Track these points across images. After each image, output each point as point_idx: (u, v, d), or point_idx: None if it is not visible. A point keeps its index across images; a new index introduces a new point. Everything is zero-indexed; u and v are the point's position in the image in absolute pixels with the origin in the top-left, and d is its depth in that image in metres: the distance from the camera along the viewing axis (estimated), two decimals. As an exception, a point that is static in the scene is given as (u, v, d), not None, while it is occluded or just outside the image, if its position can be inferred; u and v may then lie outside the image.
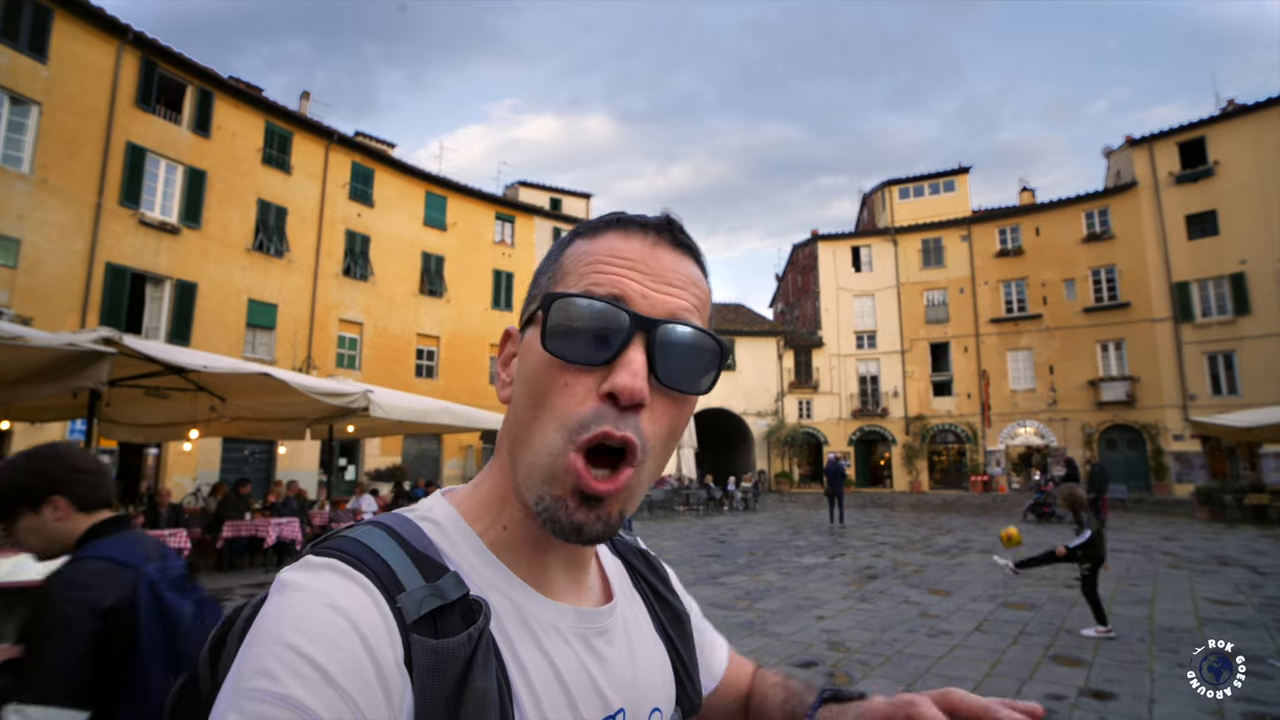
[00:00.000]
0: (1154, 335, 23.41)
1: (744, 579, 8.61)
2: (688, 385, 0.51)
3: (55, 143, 14.11)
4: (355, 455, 20.36)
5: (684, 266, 0.55)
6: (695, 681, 0.67)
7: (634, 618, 0.63)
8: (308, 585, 0.43)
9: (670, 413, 0.52)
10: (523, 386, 0.53)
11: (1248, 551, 10.58)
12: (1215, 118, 22.68)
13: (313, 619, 0.41)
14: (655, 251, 0.53)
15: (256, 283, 17.92)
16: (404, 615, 0.44)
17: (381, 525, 0.51)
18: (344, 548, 0.47)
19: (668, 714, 0.61)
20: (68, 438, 13.62)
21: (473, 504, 0.56)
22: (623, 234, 0.54)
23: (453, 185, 24.01)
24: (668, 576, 0.72)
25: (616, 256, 0.53)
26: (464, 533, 0.54)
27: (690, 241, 0.56)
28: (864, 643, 5.53)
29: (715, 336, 0.53)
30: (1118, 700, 4.15)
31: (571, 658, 0.52)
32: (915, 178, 30.67)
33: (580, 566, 0.59)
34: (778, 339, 30.22)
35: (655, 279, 0.52)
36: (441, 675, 0.43)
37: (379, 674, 0.41)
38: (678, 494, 20.06)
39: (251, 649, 0.41)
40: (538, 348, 0.50)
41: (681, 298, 0.53)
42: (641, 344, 0.49)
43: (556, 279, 0.54)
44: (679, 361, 0.50)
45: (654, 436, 0.50)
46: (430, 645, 0.44)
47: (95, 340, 5.83)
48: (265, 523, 9.32)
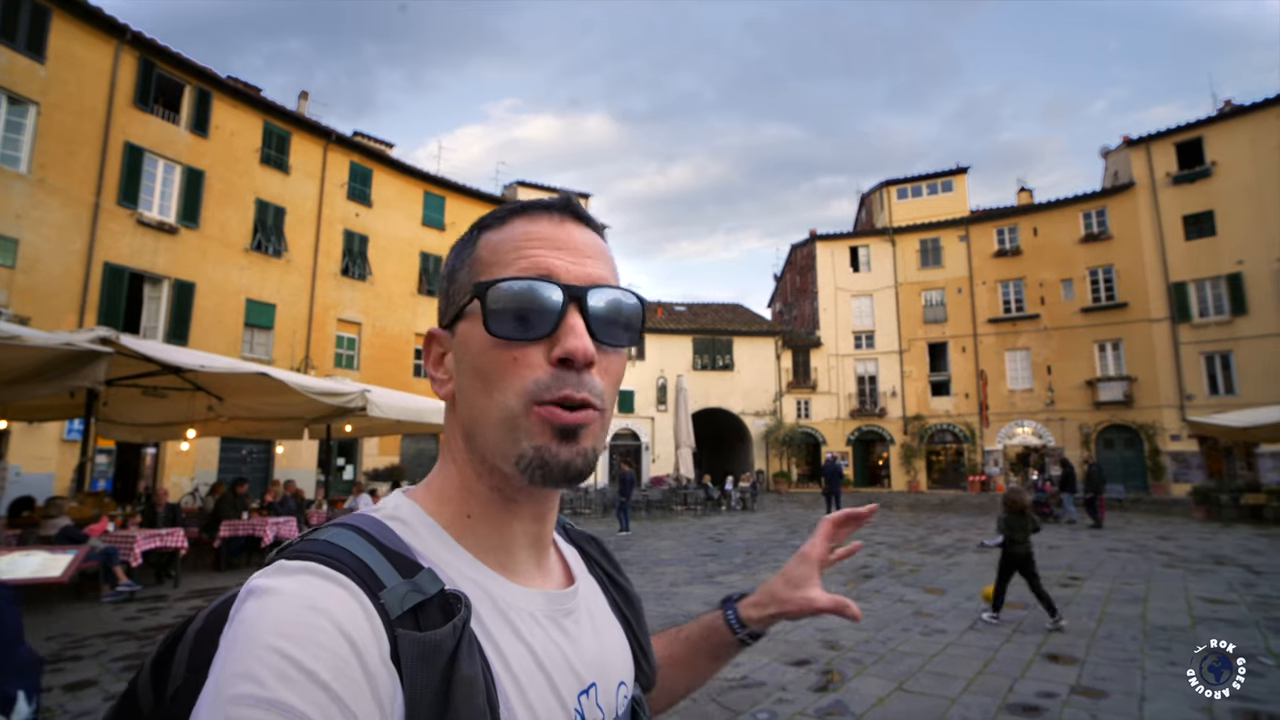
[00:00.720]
0: (1151, 335, 23.45)
1: (740, 578, 8.64)
2: (622, 340, 0.57)
3: (53, 142, 14.11)
4: (353, 455, 20.37)
5: (591, 239, 0.59)
6: (650, 659, 0.71)
7: (594, 600, 0.66)
8: (286, 589, 0.43)
9: (612, 367, 0.57)
10: (470, 375, 0.56)
11: (1243, 551, 10.61)
12: (1213, 118, 22.71)
13: (295, 622, 0.41)
14: (564, 227, 0.58)
15: (254, 282, 17.93)
16: (388, 612, 0.45)
17: (350, 526, 0.52)
18: (319, 550, 0.47)
19: (630, 688, 0.65)
20: (65, 437, 13.62)
21: (434, 499, 0.58)
22: (529, 218, 0.58)
23: (451, 185, 24.03)
24: (619, 562, 0.76)
25: (532, 238, 0.57)
26: (431, 528, 0.55)
27: (589, 216, 0.61)
28: (858, 641, 5.55)
29: (634, 292, 0.58)
30: (1109, 698, 4.17)
31: (545, 639, 0.55)
32: (913, 178, 30.71)
33: (543, 545, 0.62)
34: (776, 339, 30.24)
35: (573, 253, 0.57)
36: (429, 666, 0.44)
37: (367, 673, 0.42)
38: (675, 494, 20.08)
39: (232, 655, 0.40)
40: (480, 334, 0.54)
41: (598, 266, 0.58)
42: (577, 310, 0.54)
43: (477, 271, 0.57)
44: (610, 320, 0.55)
45: (607, 389, 0.56)
46: (417, 638, 0.45)
47: (92, 340, 5.84)
48: (262, 522, 9.33)
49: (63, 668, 4.85)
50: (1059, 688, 4.36)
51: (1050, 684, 4.43)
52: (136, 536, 7.54)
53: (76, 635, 5.79)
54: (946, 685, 4.44)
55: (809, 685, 4.49)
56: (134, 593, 7.37)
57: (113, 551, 7.24)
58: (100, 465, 14.57)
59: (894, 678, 4.61)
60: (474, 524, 0.56)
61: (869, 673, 4.74)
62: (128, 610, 6.86)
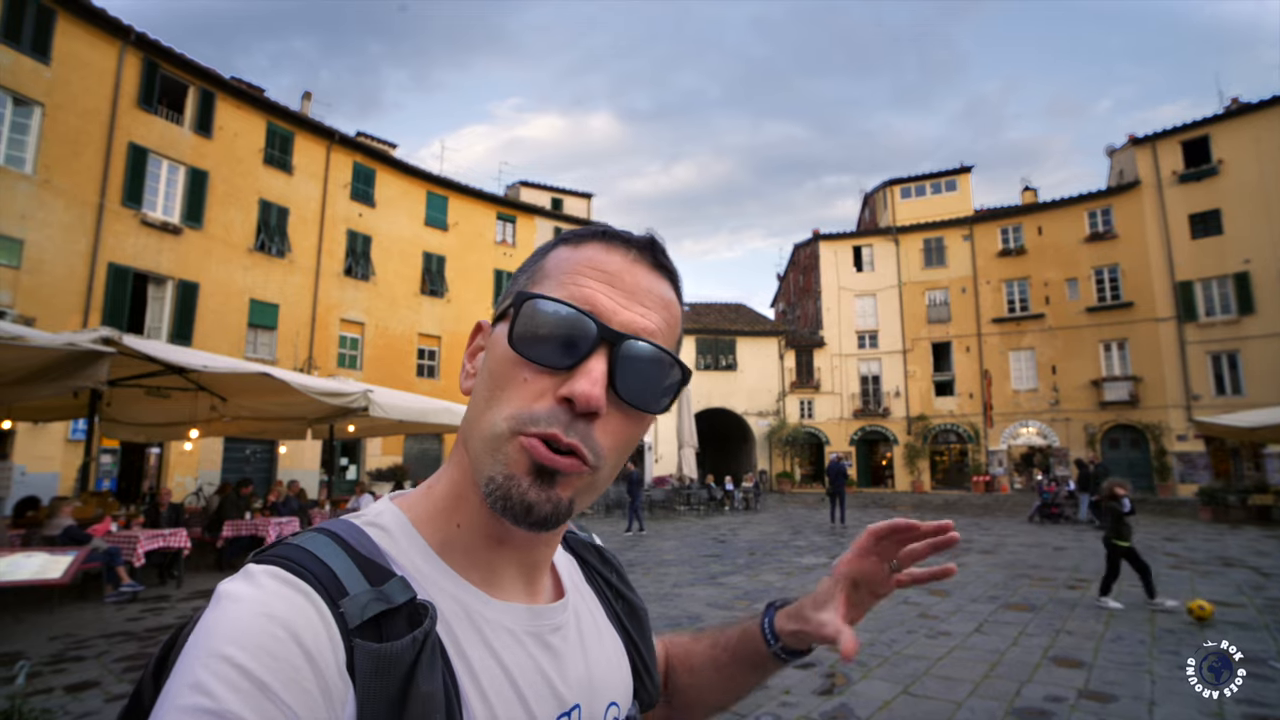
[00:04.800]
0: (1157, 335, 23.33)
1: (743, 579, 8.60)
2: (645, 403, 0.52)
3: (58, 143, 14.15)
4: (357, 455, 20.40)
5: (659, 287, 0.55)
6: (653, 675, 0.67)
7: (587, 613, 0.63)
8: (244, 595, 0.42)
9: (624, 427, 0.52)
10: (485, 378, 0.54)
11: (1251, 553, 10.54)
12: (1219, 116, 22.58)
13: (249, 629, 0.40)
14: (634, 268, 0.54)
15: (258, 283, 17.96)
16: (346, 620, 0.44)
17: (326, 531, 0.50)
18: (286, 554, 0.46)
19: (625, 708, 0.61)
20: (70, 437, 13.66)
21: (424, 506, 0.56)
22: (605, 246, 0.55)
23: (454, 185, 24.04)
24: (624, 572, 0.72)
25: (595, 268, 0.53)
26: (411, 537, 0.53)
27: (669, 264, 0.57)
28: (862, 644, 5.50)
29: (679, 360, 0.54)
30: (1118, 702, 4.13)
31: (523, 656, 0.52)
32: (917, 177, 30.63)
33: (536, 570, 0.58)
34: (779, 339, 30.19)
35: (629, 295, 0.53)
36: (384, 679, 0.43)
37: (319, 682, 0.40)
38: (678, 494, 20.06)
39: (185, 663, 0.40)
40: (504, 343, 0.51)
41: (651, 318, 0.53)
42: (605, 355, 0.50)
43: (535, 280, 0.55)
44: (639, 378, 0.51)
45: (606, 447, 0.51)
46: (372, 650, 0.43)
47: (94, 340, 5.84)
48: (265, 522, 9.33)
49: (65, 668, 4.84)
50: (1067, 691, 4.31)
51: (1058, 688, 4.39)
52: (140, 537, 7.55)
53: (79, 636, 5.79)
54: (952, 689, 4.41)
55: (813, 688, 4.45)
56: (137, 593, 7.37)
57: (116, 552, 7.25)
58: (104, 465, 14.62)
59: (899, 681, 4.57)
60: (461, 534, 0.54)
61: (874, 676, 4.71)
62: (130, 611, 6.86)
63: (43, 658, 5.08)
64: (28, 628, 6.01)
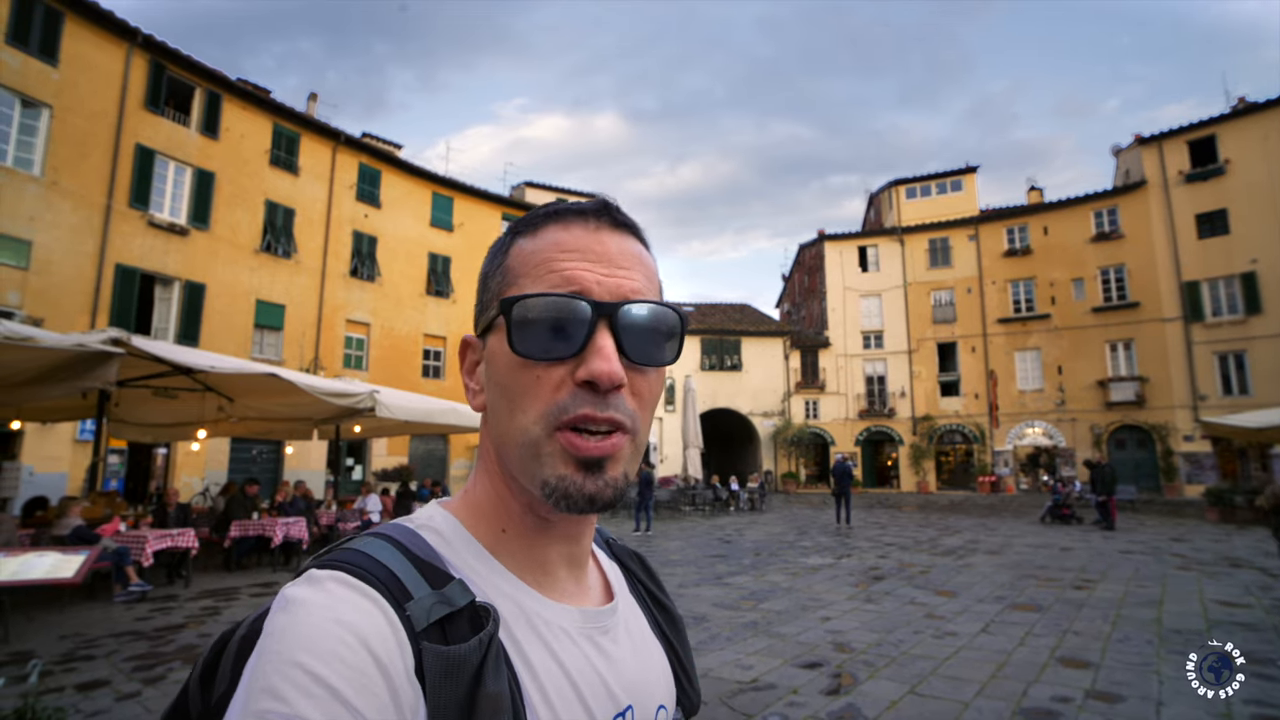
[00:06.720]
0: (1164, 335, 23.24)
1: (749, 579, 8.60)
2: (656, 358, 0.53)
3: (66, 145, 14.24)
4: (363, 455, 20.46)
5: (628, 245, 0.56)
6: (694, 682, 0.68)
7: (634, 619, 0.64)
8: (313, 600, 0.43)
9: (646, 386, 0.54)
10: (497, 390, 0.54)
11: (1258, 553, 10.48)
12: (1225, 116, 22.50)
13: (320, 635, 0.41)
14: (599, 236, 0.54)
15: (264, 283, 18.04)
16: (413, 624, 0.44)
17: (383, 536, 0.51)
18: (348, 559, 0.47)
19: (671, 712, 0.62)
20: (78, 438, 13.74)
21: (469, 511, 0.57)
22: (562, 224, 0.55)
23: (459, 186, 24.10)
24: (661, 581, 0.73)
25: (563, 249, 0.53)
26: (466, 540, 0.54)
27: (628, 220, 0.57)
28: (869, 644, 5.51)
29: (672, 306, 0.54)
30: (1125, 702, 4.12)
31: (579, 657, 0.53)
32: (922, 177, 30.59)
33: (580, 563, 0.60)
34: (784, 339, 30.17)
35: (605, 264, 0.53)
36: (453, 682, 0.43)
37: (390, 687, 0.41)
38: (684, 494, 20.05)
39: (258, 669, 0.40)
40: (505, 351, 0.51)
41: (634, 277, 0.54)
42: (607, 328, 0.51)
43: (508, 282, 0.55)
44: (644, 338, 0.52)
45: (636, 408, 0.52)
46: (442, 652, 0.44)
47: (103, 341, 5.88)
48: (272, 522, 9.36)
49: (75, 667, 4.87)
50: (1074, 692, 4.30)
51: (1065, 688, 4.38)
52: (148, 536, 7.58)
53: (88, 635, 5.82)
54: (959, 689, 4.40)
55: (820, 688, 4.45)
56: (145, 593, 7.41)
57: (124, 551, 7.29)
58: (112, 465, 14.69)
59: (906, 681, 4.57)
60: (508, 539, 0.55)
61: (881, 676, 4.70)
62: (139, 610, 6.90)
63: (53, 656, 5.11)
64: (38, 626, 6.05)
